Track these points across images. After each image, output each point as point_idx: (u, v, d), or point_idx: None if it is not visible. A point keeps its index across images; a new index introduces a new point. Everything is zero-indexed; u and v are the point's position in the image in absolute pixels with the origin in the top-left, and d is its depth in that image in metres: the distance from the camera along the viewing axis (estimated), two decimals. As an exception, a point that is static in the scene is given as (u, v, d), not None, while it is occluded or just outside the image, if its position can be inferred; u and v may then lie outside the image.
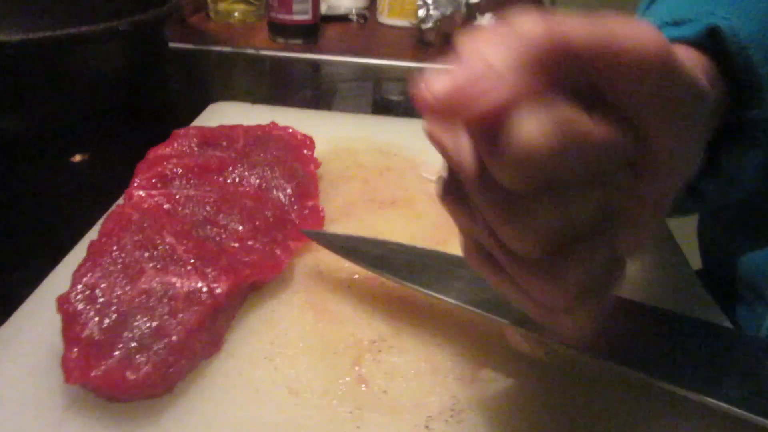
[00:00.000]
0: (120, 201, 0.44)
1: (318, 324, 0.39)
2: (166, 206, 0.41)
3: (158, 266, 0.36)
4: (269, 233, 0.42)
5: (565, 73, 0.22)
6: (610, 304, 0.28)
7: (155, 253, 0.37)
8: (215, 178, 0.46)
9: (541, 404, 0.34)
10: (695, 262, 0.51)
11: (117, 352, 0.31)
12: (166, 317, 0.33)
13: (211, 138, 0.50)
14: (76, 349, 0.31)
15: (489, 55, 0.22)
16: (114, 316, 0.33)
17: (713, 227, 0.56)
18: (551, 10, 0.61)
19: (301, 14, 0.96)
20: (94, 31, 0.57)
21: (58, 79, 0.59)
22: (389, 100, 0.82)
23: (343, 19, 1.14)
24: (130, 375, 0.30)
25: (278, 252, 0.41)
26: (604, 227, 0.25)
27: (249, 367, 0.35)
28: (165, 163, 0.45)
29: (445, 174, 0.29)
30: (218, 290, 0.35)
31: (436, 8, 1.00)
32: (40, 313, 0.37)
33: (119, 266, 0.35)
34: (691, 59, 0.34)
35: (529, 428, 0.33)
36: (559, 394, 0.35)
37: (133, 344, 0.32)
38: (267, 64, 0.94)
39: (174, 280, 0.35)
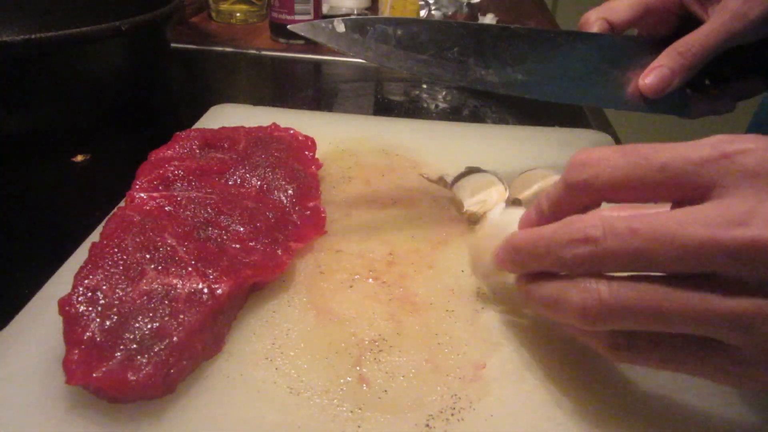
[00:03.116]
0: (121, 203, 0.44)
1: (319, 324, 0.39)
2: (167, 208, 0.41)
3: (159, 268, 0.36)
4: (270, 234, 0.42)
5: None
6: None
7: (156, 254, 0.37)
8: (216, 179, 0.46)
9: (542, 403, 0.34)
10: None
11: (118, 354, 0.31)
12: (167, 318, 0.33)
13: (212, 140, 0.50)
14: (77, 351, 0.31)
15: None
16: (115, 317, 0.33)
17: None
18: (553, 12, 0.61)
19: (302, 15, 0.97)
20: (96, 32, 0.57)
21: (60, 79, 0.59)
22: (391, 100, 0.82)
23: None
24: (131, 376, 0.31)
25: (279, 253, 0.41)
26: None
27: (250, 367, 0.35)
28: (166, 165, 0.45)
29: None
30: (219, 291, 0.36)
31: (437, 8, 1.00)
32: (42, 315, 0.37)
33: (120, 268, 0.35)
34: None
35: (530, 427, 0.33)
36: (561, 392, 0.35)
37: (135, 345, 0.32)
38: (269, 65, 0.94)
39: (175, 281, 0.35)
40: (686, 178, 0.28)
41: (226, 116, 0.63)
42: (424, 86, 0.87)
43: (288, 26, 0.44)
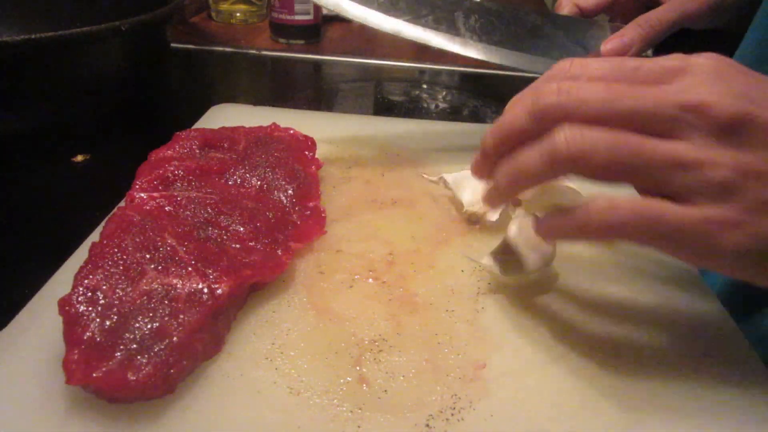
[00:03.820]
0: (121, 203, 0.44)
1: (319, 324, 0.39)
2: (167, 208, 0.41)
3: (159, 268, 0.36)
4: (270, 234, 0.42)
5: None
6: None
7: (156, 254, 0.37)
8: (216, 179, 0.46)
9: (542, 402, 0.34)
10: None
11: (118, 354, 0.31)
12: (167, 318, 0.33)
13: (212, 140, 0.50)
14: (77, 351, 0.31)
15: None
16: (115, 317, 0.33)
17: None
18: (552, 10, 0.62)
19: (302, 14, 0.97)
20: (96, 32, 0.57)
21: (59, 79, 0.59)
22: (391, 100, 0.82)
23: (345, 19, 1.14)
24: (131, 376, 0.31)
25: (279, 253, 0.41)
26: None
27: (250, 367, 0.35)
28: (166, 165, 0.45)
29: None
30: (219, 291, 0.36)
31: (437, 8, 1.00)
32: (42, 315, 0.37)
33: (120, 268, 0.35)
34: None
35: (530, 427, 0.33)
36: (560, 391, 0.35)
37: (135, 345, 0.32)
38: (269, 65, 0.94)
39: (175, 281, 0.35)
40: (654, 75, 0.33)
41: (226, 116, 0.63)
42: (424, 86, 0.87)
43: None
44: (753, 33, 0.54)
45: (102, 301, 0.33)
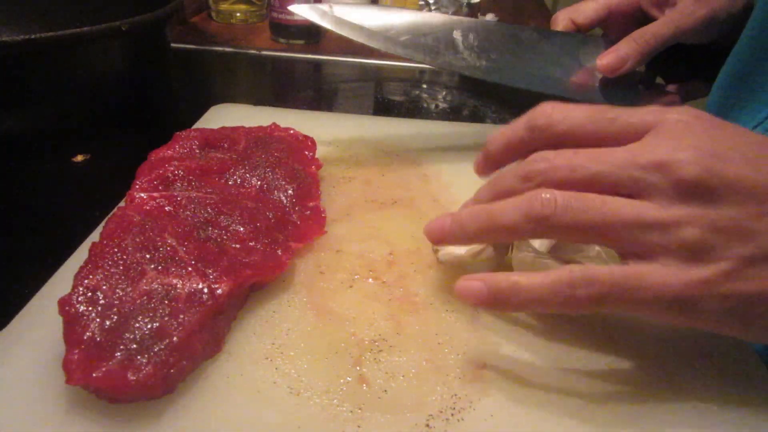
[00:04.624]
0: (121, 203, 0.44)
1: (319, 324, 0.39)
2: (167, 208, 0.41)
3: (159, 268, 0.36)
4: (270, 234, 0.42)
5: None
6: None
7: (156, 254, 0.37)
8: (216, 179, 0.46)
9: (542, 403, 0.34)
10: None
11: (118, 353, 0.31)
12: (167, 318, 0.33)
13: (212, 140, 0.50)
14: (77, 351, 0.31)
15: None
16: (115, 317, 0.33)
17: None
18: (553, 12, 0.62)
19: (302, 15, 0.97)
20: (96, 32, 0.57)
21: (59, 79, 0.59)
22: (391, 100, 0.82)
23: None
24: (131, 376, 0.31)
25: (279, 253, 0.41)
26: None
27: (250, 367, 0.35)
28: (166, 165, 0.45)
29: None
30: (219, 291, 0.36)
31: (437, 8, 1.00)
32: (42, 315, 0.37)
33: (120, 268, 0.35)
34: None
35: (530, 427, 0.33)
36: (560, 391, 0.35)
37: (134, 345, 0.32)
38: (269, 65, 0.94)
39: (175, 281, 0.35)
40: (629, 128, 0.33)
41: (226, 116, 0.63)
42: (424, 86, 0.87)
43: (288, 7, 0.52)
44: (740, 45, 0.54)
45: (102, 301, 0.33)
